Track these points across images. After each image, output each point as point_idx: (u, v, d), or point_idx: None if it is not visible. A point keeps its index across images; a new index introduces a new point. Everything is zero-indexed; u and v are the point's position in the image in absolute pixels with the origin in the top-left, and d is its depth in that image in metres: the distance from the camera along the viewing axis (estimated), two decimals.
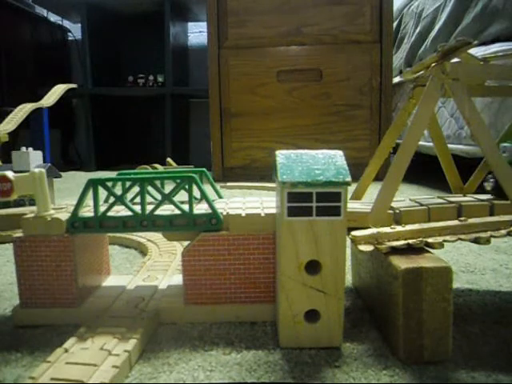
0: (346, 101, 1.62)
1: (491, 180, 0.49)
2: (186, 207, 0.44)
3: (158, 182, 0.47)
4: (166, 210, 0.45)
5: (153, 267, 0.58)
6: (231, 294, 0.44)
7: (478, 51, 1.16)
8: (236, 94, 1.64)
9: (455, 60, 0.43)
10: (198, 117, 2.50)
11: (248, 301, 0.45)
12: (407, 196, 0.50)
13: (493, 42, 1.20)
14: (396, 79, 1.81)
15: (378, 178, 0.51)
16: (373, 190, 0.51)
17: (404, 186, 1.40)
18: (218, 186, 0.60)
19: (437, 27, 1.55)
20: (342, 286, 0.39)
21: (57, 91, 1.97)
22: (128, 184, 0.45)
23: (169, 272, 0.56)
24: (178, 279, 0.50)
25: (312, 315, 0.39)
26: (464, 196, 0.50)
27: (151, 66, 2.35)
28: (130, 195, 0.47)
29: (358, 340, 0.41)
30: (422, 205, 0.46)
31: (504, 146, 0.48)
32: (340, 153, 0.41)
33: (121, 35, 2.45)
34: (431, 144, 0.56)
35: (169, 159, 1.68)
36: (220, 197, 0.54)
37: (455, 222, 0.41)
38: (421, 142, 0.44)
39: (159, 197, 0.45)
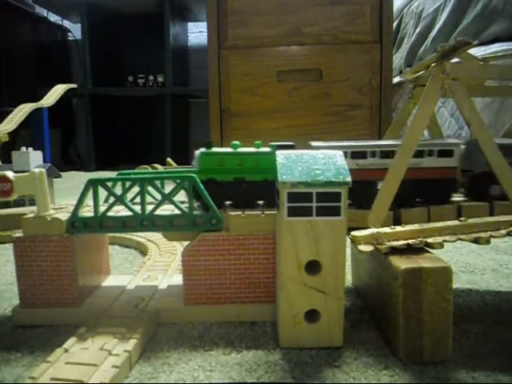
0: (346, 101, 1.62)
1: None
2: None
3: (157, 182, 0.47)
4: (166, 210, 0.45)
5: (153, 267, 0.58)
6: (231, 293, 0.44)
7: (478, 51, 1.16)
8: (236, 93, 1.64)
9: (455, 60, 0.43)
10: (198, 117, 2.50)
11: (248, 301, 0.45)
12: None
13: (493, 41, 1.20)
14: (396, 79, 1.81)
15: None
16: None
17: None
18: None
19: (437, 27, 1.55)
20: (342, 286, 0.39)
21: (57, 91, 1.97)
22: (128, 184, 0.45)
23: (169, 272, 0.56)
24: (177, 279, 0.50)
25: (312, 315, 0.39)
26: None
27: (151, 66, 2.35)
28: (129, 195, 0.46)
29: (357, 340, 0.41)
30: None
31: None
32: (340, 153, 0.41)
33: (121, 35, 2.45)
34: None
35: (169, 159, 1.68)
36: None
37: (455, 222, 0.41)
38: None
39: (159, 197, 0.45)
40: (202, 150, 0.45)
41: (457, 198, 0.49)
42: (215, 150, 0.46)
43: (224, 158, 0.45)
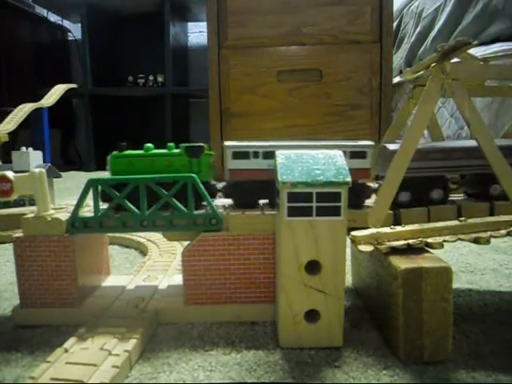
0: (346, 101, 1.62)
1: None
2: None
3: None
4: None
5: (153, 267, 0.58)
6: (231, 294, 0.44)
7: (478, 51, 1.16)
8: (236, 93, 1.64)
9: (455, 60, 0.43)
10: (198, 117, 2.50)
11: (248, 301, 0.45)
12: None
13: (493, 41, 1.20)
14: (396, 79, 1.81)
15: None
16: None
17: None
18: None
19: (437, 27, 1.55)
20: (342, 286, 0.39)
21: (57, 91, 1.96)
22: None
23: (169, 272, 0.56)
24: (178, 279, 0.50)
25: (312, 315, 0.39)
26: None
27: (151, 66, 2.35)
28: None
29: (358, 340, 0.41)
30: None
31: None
32: (340, 153, 0.41)
33: (121, 35, 2.45)
34: None
35: None
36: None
37: (455, 222, 0.41)
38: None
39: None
40: (114, 152, 0.47)
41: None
42: (126, 152, 0.46)
43: (134, 161, 0.46)
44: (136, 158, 0.46)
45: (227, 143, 0.46)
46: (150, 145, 0.46)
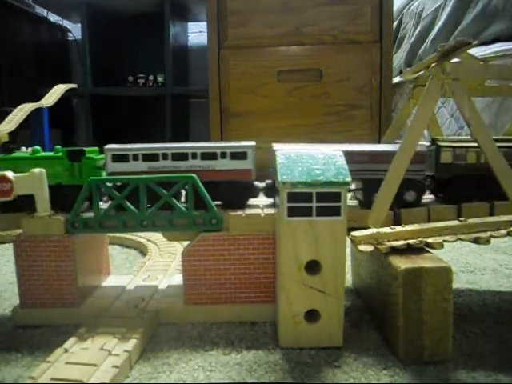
0: (346, 101, 1.62)
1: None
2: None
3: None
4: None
5: (153, 267, 0.58)
6: (231, 294, 0.44)
7: (478, 51, 1.16)
8: (236, 93, 1.64)
9: (455, 60, 0.43)
10: (198, 117, 2.50)
11: (248, 301, 0.45)
12: None
13: (493, 41, 1.20)
14: (396, 79, 1.81)
15: None
16: None
17: None
18: None
19: (437, 27, 1.55)
20: (342, 286, 0.39)
21: (57, 91, 1.96)
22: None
23: (169, 272, 0.56)
24: (178, 279, 0.50)
25: (312, 315, 0.39)
26: None
27: (151, 66, 2.35)
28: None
29: (358, 340, 0.41)
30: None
31: None
32: (340, 153, 0.41)
33: (121, 35, 2.44)
34: None
35: None
36: None
37: (455, 222, 0.41)
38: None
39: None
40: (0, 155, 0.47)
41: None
42: (12, 155, 0.47)
43: (18, 163, 0.46)
44: (20, 160, 0.46)
45: (107, 146, 0.46)
46: (37, 147, 0.47)
